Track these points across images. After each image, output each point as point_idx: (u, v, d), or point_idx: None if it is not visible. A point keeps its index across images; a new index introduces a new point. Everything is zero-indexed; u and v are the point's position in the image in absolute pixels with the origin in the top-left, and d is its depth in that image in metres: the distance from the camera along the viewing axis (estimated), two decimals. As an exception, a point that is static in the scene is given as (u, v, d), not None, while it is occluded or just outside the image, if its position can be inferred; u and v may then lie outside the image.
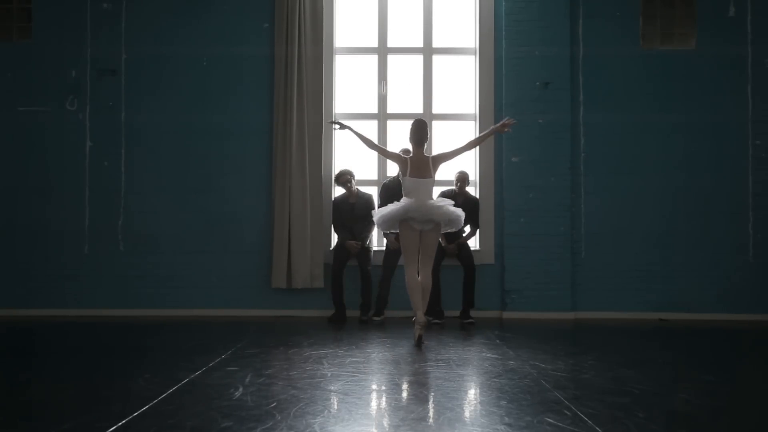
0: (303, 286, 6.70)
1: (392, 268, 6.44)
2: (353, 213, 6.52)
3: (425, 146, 5.29)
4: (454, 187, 6.51)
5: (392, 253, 6.37)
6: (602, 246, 6.87)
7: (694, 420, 3.04)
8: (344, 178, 6.51)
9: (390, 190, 6.29)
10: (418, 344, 4.97)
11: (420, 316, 5.04)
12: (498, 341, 5.26)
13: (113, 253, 6.87)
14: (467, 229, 6.51)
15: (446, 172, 6.47)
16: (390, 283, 6.48)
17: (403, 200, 5.15)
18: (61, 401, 3.33)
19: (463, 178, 6.49)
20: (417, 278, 5.16)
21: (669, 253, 6.86)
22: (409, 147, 5.36)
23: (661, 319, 6.73)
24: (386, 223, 5.23)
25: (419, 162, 5.14)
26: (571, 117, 6.86)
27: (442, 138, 7.04)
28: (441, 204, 5.16)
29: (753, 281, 6.81)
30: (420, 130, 5.22)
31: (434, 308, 6.24)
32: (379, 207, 6.03)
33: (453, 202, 5.32)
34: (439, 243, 5.91)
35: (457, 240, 6.43)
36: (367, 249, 6.59)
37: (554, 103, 6.81)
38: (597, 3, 6.97)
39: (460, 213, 5.24)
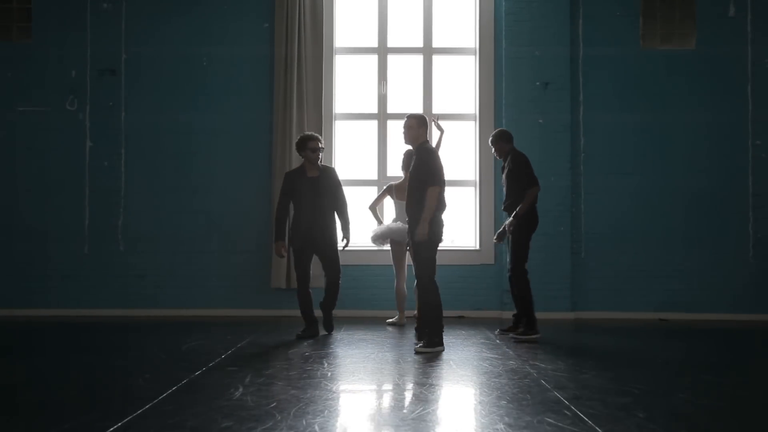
0: (303, 286, 6.68)
1: (305, 272, 5.41)
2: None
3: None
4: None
5: (301, 252, 5.39)
6: (602, 246, 6.87)
7: (694, 420, 3.04)
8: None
9: (292, 182, 5.40)
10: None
11: (399, 318, 6.12)
12: (498, 341, 5.26)
13: (113, 253, 6.87)
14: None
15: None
16: (310, 293, 5.42)
17: (390, 222, 6.08)
18: (61, 401, 3.33)
19: (497, 143, 5.57)
20: (402, 288, 6.05)
21: (669, 253, 6.85)
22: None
23: (661, 319, 6.73)
24: (378, 238, 6.02)
25: (403, 187, 5.74)
26: (571, 117, 6.86)
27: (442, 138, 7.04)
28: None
29: (753, 281, 6.81)
30: (407, 159, 5.84)
31: (522, 320, 5.34)
32: (281, 195, 5.49)
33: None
34: (510, 241, 5.33)
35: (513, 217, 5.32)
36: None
37: (554, 103, 6.81)
38: (597, 3, 6.97)
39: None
